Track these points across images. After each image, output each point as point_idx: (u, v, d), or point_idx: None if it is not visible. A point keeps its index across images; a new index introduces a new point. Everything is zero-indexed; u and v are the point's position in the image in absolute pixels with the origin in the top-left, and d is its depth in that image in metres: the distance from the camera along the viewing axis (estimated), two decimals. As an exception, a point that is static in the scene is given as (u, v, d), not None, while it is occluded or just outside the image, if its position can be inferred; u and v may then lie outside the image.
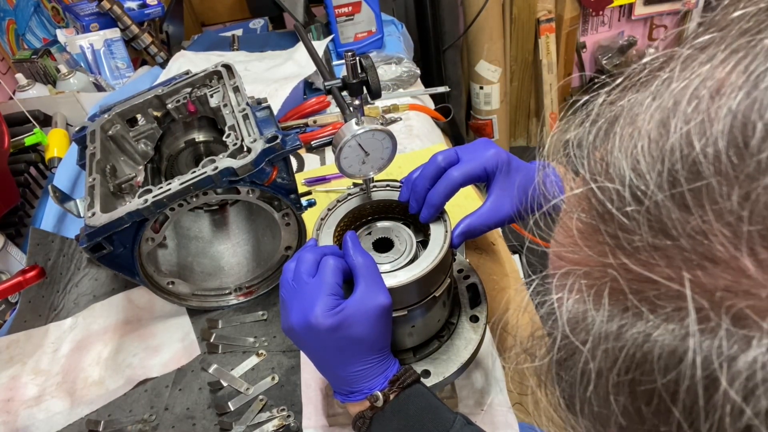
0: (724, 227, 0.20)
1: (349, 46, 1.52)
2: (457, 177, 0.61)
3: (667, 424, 0.21)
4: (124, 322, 0.91)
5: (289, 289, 0.55)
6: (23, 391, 0.83)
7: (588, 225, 0.25)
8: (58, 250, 1.01)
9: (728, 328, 0.19)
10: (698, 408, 0.20)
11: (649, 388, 0.21)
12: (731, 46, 0.22)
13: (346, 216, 0.65)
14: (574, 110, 0.29)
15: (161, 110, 0.93)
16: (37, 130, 1.23)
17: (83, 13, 1.61)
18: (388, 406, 0.53)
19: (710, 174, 0.20)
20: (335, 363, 0.54)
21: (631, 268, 0.22)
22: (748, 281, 0.19)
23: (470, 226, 0.63)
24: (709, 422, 0.20)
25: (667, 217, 0.21)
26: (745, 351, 0.19)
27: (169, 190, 0.71)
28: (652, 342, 0.21)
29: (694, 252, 0.20)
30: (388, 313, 0.54)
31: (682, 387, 0.20)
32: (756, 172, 0.19)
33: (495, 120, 2.72)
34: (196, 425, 0.76)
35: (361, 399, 0.54)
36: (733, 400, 0.19)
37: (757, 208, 0.19)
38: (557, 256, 0.28)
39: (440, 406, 0.54)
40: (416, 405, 0.53)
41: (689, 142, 0.21)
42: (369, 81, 0.59)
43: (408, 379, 0.54)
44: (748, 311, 0.19)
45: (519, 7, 2.49)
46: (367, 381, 0.54)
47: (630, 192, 0.22)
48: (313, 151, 1.24)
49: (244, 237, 0.98)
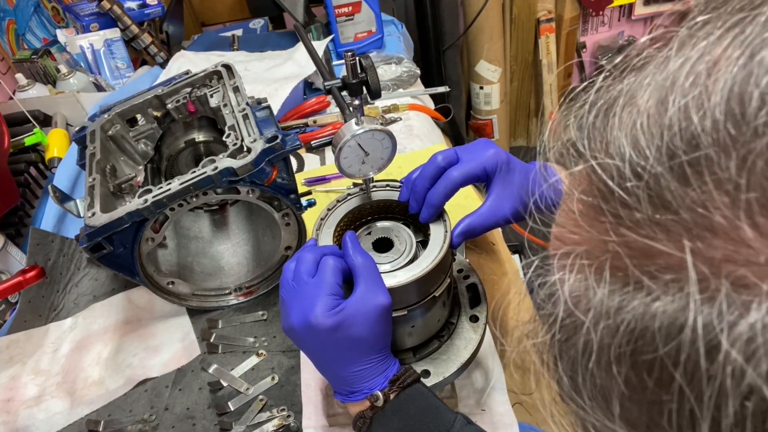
0: (723, 196, 0.20)
1: (349, 46, 1.52)
2: (456, 177, 0.61)
3: (669, 392, 0.21)
4: (124, 322, 0.91)
5: (289, 289, 0.55)
6: (23, 391, 0.83)
7: (589, 204, 0.25)
8: (58, 250, 1.01)
9: (728, 293, 0.20)
10: (700, 374, 0.20)
11: (651, 358, 0.22)
12: (727, 23, 0.22)
13: (345, 216, 0.65)
14: (573, 97, 0.29)
15: (161, 110, 0.93)
16: (37, 130, 1.23)
17: (83, 13, 1.61)
18: (388, 405, 0.53)
19: (708, 145, 0.20)
20: (335, 363, 0.54)
21: (632, 243, 0.23)
22: (747, 249, 0.20)
23: (470, 225, 0.63)
24: (712, 387, 0.20)
25: (667, 190, 0.21)
26: (745, 315, 0.19)
27: (169, 190, 0.71)
28: (653, 312, 0.22)
29: (694, 223, 0.21)
30: (388, 313, 0.54)
31: (684, 355, 0.20)
32: (752, 139, 0.19)
33: (495, 120, 2.72)
34: (196, 425, 0.76)
35: (362, 399, 0.54)
36: (734, 364, 0.19)
37: (755, 176, 0.19)
38: (558, 238, 0.28)
39: (440, 405, 0.54)
40: (417, 405, 0.53)
41: (687, 116, 0.21)
42: (369, 81, 0.59)
43: (408, 378, 0.54)
44: (748, 277, 0.19)
45: (519, 7, 2.49)
46: (368, 381, 0.54)
47: (630, 168, 0.23)
48: (313, 151, 1.24)
49: (244, 237, 0.98)
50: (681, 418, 0.21)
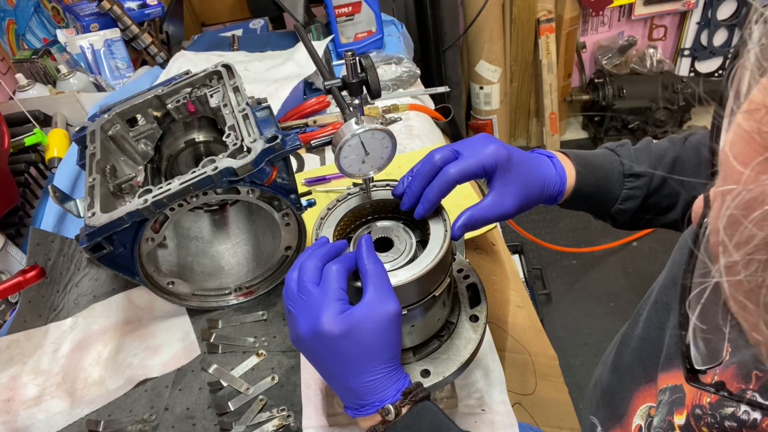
0: None
1: (349, 46, 1.52)
2: (453, 174, 0.60)
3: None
4: (124, 322, 0.91)
5: (295, 300, 0.54)
6: (23, 391, 0.83)
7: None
8: (58, 250, 1.01)
9: None
10: None
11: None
12: None
13: (345, 216, 0.65)
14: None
15: (161, 110, 0.93)
16: (37, 130, 1.24)
17: (83, 13, 1.61)
18: (400, 419, 0.52)
19: None
20: (345, 373, 0.53)
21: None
22: None
23: (471, 218, 0.62)
24: None
25: None
26: None
27: (169, 190, 0.71)
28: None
29: None
30: (398, 321, 0.53)
31: None
32: None
33: (495, 120, 2.73)
34: (196, 425, 0.76)
35: (373, 412, 0.53)
36: None
37: None
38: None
39: (451, 424, 0.53)
40: (428, 421, 0.52)
41: None
42: (369, 81, 0.59)
43: (420, 393, 0.54)
44: None
45: (519, 7, 2.49)
46: (379, 393, 0.53)
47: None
48: (313, 151, 1.24)
49: (244, 237, 0.98)
50: None
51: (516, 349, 0.84)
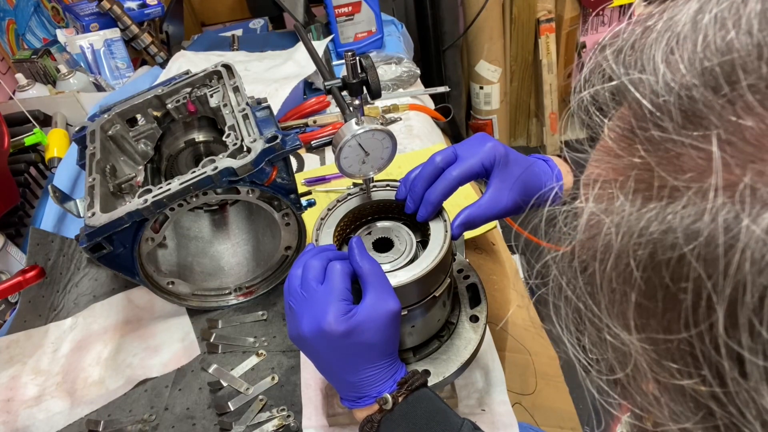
0: (755, 102, 0.20)
1: (349, 46, 1.52)
2: (455, 176, 0.61)
3: (685, 291, 0.22)
4: (124, 322, 0.91)
5: (297, 297, 0.54)
6: (23, 391, 0.83)
7: (620, 131, 0.26)
8: (58, 250, 1.01)
9: (753, 188, 0.20)
10: (718, 270, 0.20)
11: (671, 257, 0.22)
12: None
13: (346, 216, 0.65)
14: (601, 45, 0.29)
15: (161, 110, 0.93)
16: (37, 130, 1.23)
17: (83, 13, 1.61)
18: (396, 408, 0.53)
19: (742, 49, 0.21)
20: (345, 369, 0.54)
21: (659, 153, 0.23)
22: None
23: (470, 216, 0.62)
24: (731, 281, 0.20)
25: (698, 99, 0.22)
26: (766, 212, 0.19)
27: (168, 190, 0.71)
28: (676, 217, 0.22)
29: (724, 129, 0.21)
30: (398, 318, 0.53)
31: (704, 251, 0.21)
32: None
33: (495, 120, 2.72)
34: (196, 425, 0.76)
35: (370, 403, 0.54)
36: (755, 257, 0.19)
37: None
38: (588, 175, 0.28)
39: (448, 410, 0.54)
40: (424, 408, 0.53)
41: (722, 24, 0.22)
42: (369, 81, 0.59)
43: (416, 381, 0.54)
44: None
45: (519, 7, 2.49)
46: (376, 385, 0.54)
47: (663, 82, 0.23)
48: (313, 151, 1.24)
49: (244, 237, 0.98)
50: (697, 308, 0.22)
51: (516, 349, 0.84)
